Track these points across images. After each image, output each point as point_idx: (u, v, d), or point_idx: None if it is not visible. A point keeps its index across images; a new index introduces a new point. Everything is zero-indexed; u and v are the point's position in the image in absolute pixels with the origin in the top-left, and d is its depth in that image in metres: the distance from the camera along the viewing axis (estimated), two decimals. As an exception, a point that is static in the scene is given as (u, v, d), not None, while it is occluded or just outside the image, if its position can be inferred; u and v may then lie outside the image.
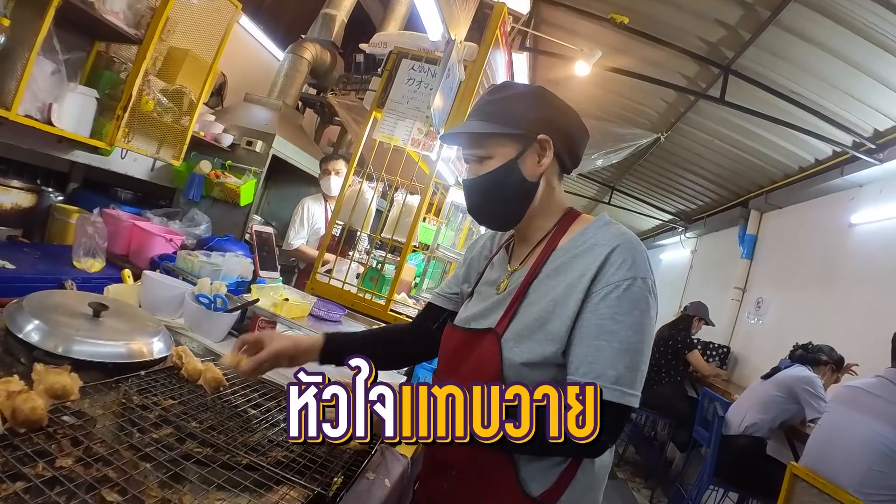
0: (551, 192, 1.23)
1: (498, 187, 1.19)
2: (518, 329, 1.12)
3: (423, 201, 2.92)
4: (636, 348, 1.04)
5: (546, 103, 1.20)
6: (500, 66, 3.74)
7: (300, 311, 2.17)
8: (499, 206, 1.22)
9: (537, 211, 1.23)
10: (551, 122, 1.18)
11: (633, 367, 1.03)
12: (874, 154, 4.67)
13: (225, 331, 1.88)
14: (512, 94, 1.21)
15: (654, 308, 1.08)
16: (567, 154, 1.22)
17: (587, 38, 4.91)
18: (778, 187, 6.59)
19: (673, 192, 8.89)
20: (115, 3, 2.70)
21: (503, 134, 1.17)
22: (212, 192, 3.99)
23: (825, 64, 4.30)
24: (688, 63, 5.10)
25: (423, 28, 3.00)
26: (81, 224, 2.50)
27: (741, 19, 4.33)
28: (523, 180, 1.18)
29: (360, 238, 3.34)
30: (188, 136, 3.50)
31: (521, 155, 1.17)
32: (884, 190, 4.88)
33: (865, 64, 4.10)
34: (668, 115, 6.29)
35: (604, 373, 1.01)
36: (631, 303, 1.05)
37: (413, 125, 2.83)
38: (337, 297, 2.80)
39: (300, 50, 5.05)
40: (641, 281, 1.06)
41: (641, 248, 1.10)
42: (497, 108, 1.19)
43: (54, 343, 1.18)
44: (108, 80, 2.97)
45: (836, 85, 4.46)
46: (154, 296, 1.91)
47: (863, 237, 5.05)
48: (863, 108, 4.56)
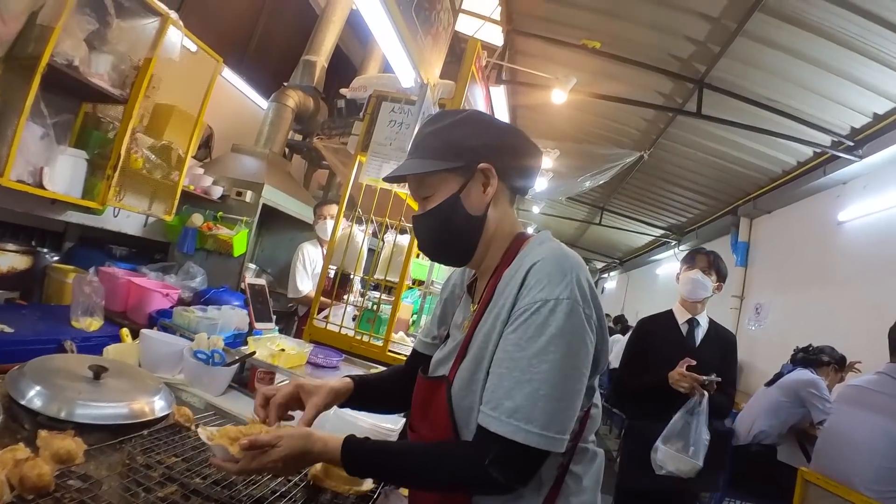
0: (503, 221, 1.15)
1: (443, 224, 1.13)
2: (462, 374, 1.05)
3: (413, 239, 2.94)
4: (541, 378, 0.92)
5: (483, 128, 1.13)
6: (478, 101, 3.80)
7: (297, 359, 2.18)
8: (446, 243, 1.16)
9: (490, 242, 1.15)
10: (491, 147, 1.11)
11: (537, 400, 0.91)
12: (854, 151, 4.80)
13: (224, 384, 1.89)
14: (447, 123, 1.13)
15: (579, 330, 0.96)
16: (517, 176, 1.15)
17: (562, 65, 5.07)
18: (764, 192, 6.72)
19: (662, 207, 9.00)
20: (99, 65, 2.75)
21: (445, 169, 1.10)
22: (205, 244, 4.01)
23: (796, 68, 4.44)
24: (662, 80, 5.25)
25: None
26: (78, 284, 2.51)
27: (710, 33, 4.47)
28: (468, 215, 1.11)
29: (353, 281, 3.36)
30: (178, 191, 3.52)
31: (464, 188, 1.10)
32: (867, 185, 4.99)
33: (835, 65, 4.24)
34: (650, 133, 6.44)
35: (500, 404, 0.93)
36: (538, 328, 0.94)
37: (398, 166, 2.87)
38: (335, 341, 2.81)
39: (283, 98, 5.13)
40: (555, 302, 0.95)
41: (565, 264, 0.99)
42: (434, 140, 1.12)
43: (57, 408, 1.19)
44: (96, 140, 3.01)
45: (810, 88, 4.60)
46: (153, 354, 1.91)
47: (852, 233, 5.14)
48: (837, 107, 4.69)
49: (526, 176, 1.17)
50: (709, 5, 4.17)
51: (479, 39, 3.41)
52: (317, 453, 1.00)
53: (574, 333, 0.95)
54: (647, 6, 4.43)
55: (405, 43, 2.30)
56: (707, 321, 2.84)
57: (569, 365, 0.94)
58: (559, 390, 0.93)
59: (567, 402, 0.94)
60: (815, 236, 5.72)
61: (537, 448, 0.91)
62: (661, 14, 4.44)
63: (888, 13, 3.63)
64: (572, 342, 0.95)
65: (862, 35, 3.86)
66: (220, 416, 1.61)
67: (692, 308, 2.82)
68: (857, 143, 4.81)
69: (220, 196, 4.17)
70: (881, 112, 4.55)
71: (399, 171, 1.16)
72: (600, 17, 4.77)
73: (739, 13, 4.09)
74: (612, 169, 6.39)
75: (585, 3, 4.69)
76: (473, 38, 3.45)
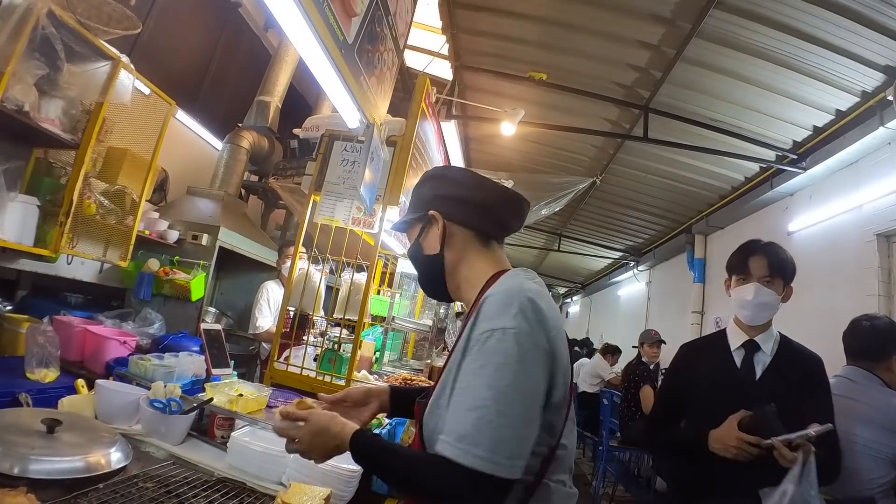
0: (466, 259, 1.28)
1: (414, 262, 1.37)
2: (432, 399, 1.13)
3: (370, 277, 2.95)
4: (488, 404, 0.96)
5: (440, 182, 1.32)
6: (430, 137, 3.84)
7: (256, 404, 2.14)
8: (423, 276, 1.36)
9: (462, 281, 1.28)
10: (442, 198, 1.29)
11: (482, 425, 0.95)
12: (798, 164, 5.07)
13: (183, 433, 1.84)
14: (422, 180, 1.36)
15: (527, 358, 1.00)
16: (482, 220, 1.28)
17: (511, 98, 5.24)
18: (716, 209, 6.99)
19: (618, 230, 9.23)
20: (49, 109, 2.71)
21: (411, 219, 1.34)
22: (162, 289, 3.94)
23: (736, 89, 4.68)
24: (609, 107, 5.45)
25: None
26: (32, 334, 2.41)
27: (650, 60, 4.68)
28: (425, 255, 1.30)
29: (312, 321, 3.33)
30: (133, 236, 3.47)
31: (422, 232, 1.31)
32: (813, 195, 5.25)
33: (773, 83, 4.47)
34: (600, 159, 6.65)
35: (452, 430, 0.99)
36: (486, 356, 1.00)
37: (352, 204, 2.88)
38: (297, 382, 2.79)
39: (237, 139, 5.11)
40: (501, 332, 1.00)
41: (515, 297, 1.05)
42: (412, 196, 1.36)
43: (10, 464, 1.16)
44: (48, 185, 2.95)
45: (751, 107, 4.84)
46: (109, 405, 1.86)
47: (803, 242, 5.37)
48: (779, 123, 4.95)
49: (486, 219, 1.28)
50: (648, 34, 4.37)
51: (429, 75, 3.48)
52: (335, 433, 1.12)
53: (521, 362, 0.99)
54: (588, 38, 4.61)
55: (348, 85, 2.32)
56: (774, 342, 2.01)
57: (517, 391, 0.98)
58: (506, 416, 0.96)
59: (516, 429, 0.97)
60: (768, 248, 5.90)
61: (486, 473, 0.93)
62: (603, 45, 4.64)
63: (821, 32, 3.84)
64: (518, 371, 0.98)
65: (797, 53, 4.08)
66: (179, 465, 1.58)
67: (751, 327, 2.03)
68: (801, 155, 5.06)
69: (177, 240, 4.12)
70: (820, 125, 4.80)
71: (397, 221, 1.42)
72: (544, 51, 4.95)
73: (677, 40, 4.30)
74: (567, 196, 6.56)
75: (530, 37, 4.86)
76: (423, 74, 3.52)
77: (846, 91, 4.30)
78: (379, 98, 2.82)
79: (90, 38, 2.83)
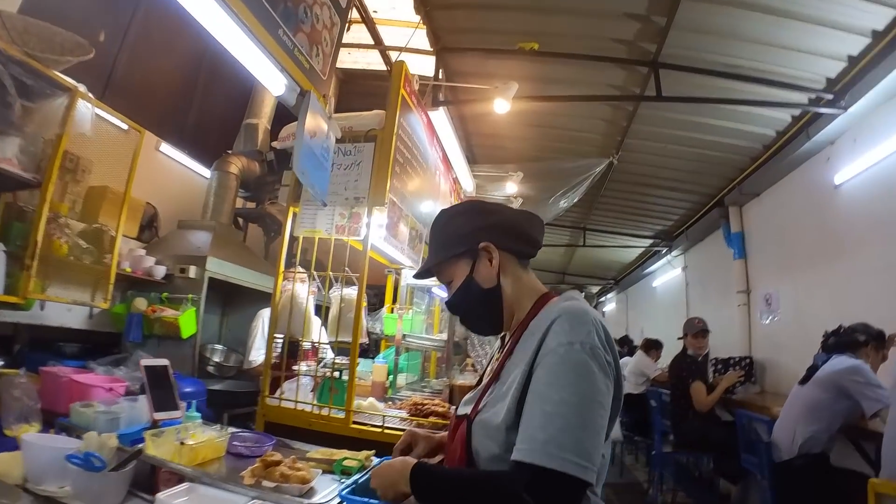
0: (518, 283, 1.33)
1: (467, 302, 1.35)
2: (483, 413, 1.18)
3: (360, 291, 2.74)
4: (572, 411, 1.02)
5: (476, 213, 1.35)
6: (419, 131, 3.55)
7: (209, 451, 1.74)
8: (478, 316, 1.37)
9: (513, 305, 1.32)
10: (486, 228, 1.32)
11: (568, 430, 1.00)
12: (835, 104, 4.39)
13: (120, 493, 1.47)
14: (447, 218, 1.38)
15: (600, 371, 1.06)
16: (519, 243, 1.34)
17: (505, 77, 4.66)
18: (748, 175, 6.33)
19: (644, 214, 8.65)
20: (6, 149, 2.65)
21: (453, 257, 1.33)
22: (153, 329, 3.74)
23: (752, 23, 4.02)
24: (613, 71, 4.89)
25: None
26: (5, 387, 2.19)
27: (650, 4, 4.07)
28: (483, 290, 1.31)
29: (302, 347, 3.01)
30: (112, 275, 3.36)
31: (474, 267, 1.32)
32: (857, 138, 4.56)
33: (795, 9, 3.81)
34: (613, 135, 6.05)
35: (534, 436, 1.02)
36: (567, 366, 1.06)
37: (334, 211, 2.75)
38: (292, 418, 2.57)
39: (225, 165, 4.98)
40: (580, 345, 1.07)
41: (586, 316, 1.12)
42: (440, 237, 1.37)
43: None
44: (18, 231, 2.91)
45: (773, 42, 4.19)
46: (37, 463, 1.53)
47: (852, 194, 4.71)
48: (807, 58, 4.28)
49: (527, 240, 1.36)
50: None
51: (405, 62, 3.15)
52: (397, 469, 1.16)
53: (596, 374, 1.06)
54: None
55: (255, 36, 2.01)
56: None
57: (593, 401, 1.05)
58: (587, 423, 1.03)
59: (593, 435, 1.03)
60: (813, 208, 5.27)
61: (571, 475, 0.98)
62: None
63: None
64: (595, 381, 1.05)
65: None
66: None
67: None
68: (837, 93, 4.39)
69: (165, 276, 3.97)
70: (855, 53, 4.13)
71: (422, 267, 1.42)
72: (530, 15, 4.43)
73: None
74: (584, 182, 6.08)
75: (511, 3, 4.37)
76: (398, 61, 3.20)
77: (883, 4, 3.62)
78: (315, 61, 2.50)
79: (43, 70, 2.81)
